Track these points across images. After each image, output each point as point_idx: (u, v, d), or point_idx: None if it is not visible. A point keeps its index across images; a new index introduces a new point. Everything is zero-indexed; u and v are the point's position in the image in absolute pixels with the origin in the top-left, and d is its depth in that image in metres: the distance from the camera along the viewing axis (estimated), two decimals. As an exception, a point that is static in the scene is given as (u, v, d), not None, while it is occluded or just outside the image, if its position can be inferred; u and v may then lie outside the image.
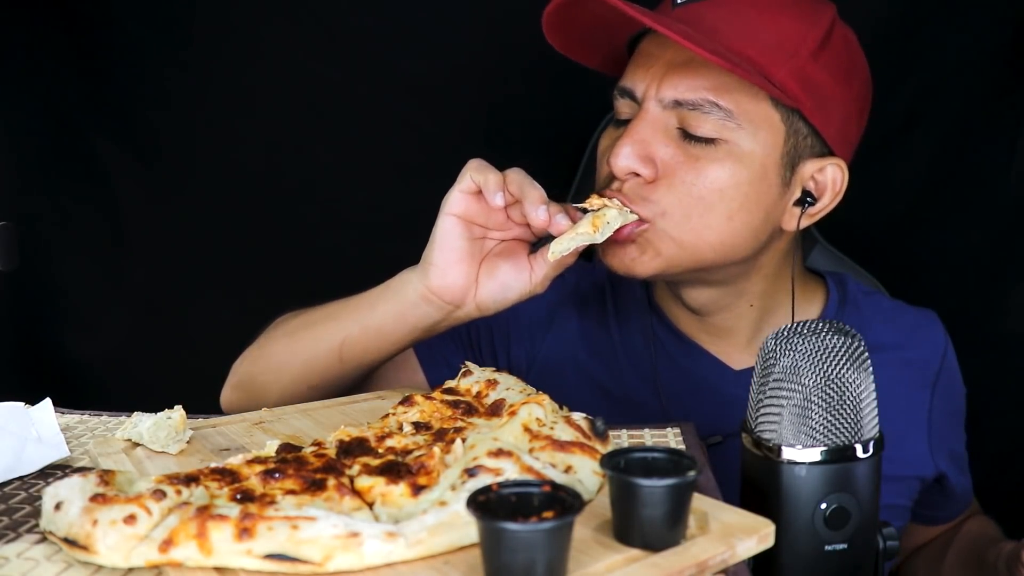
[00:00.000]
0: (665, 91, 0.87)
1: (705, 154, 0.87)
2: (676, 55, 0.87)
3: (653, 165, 0.87)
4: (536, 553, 0.45)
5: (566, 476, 0.59)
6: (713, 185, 0.86)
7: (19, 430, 0.72)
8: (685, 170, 0.87)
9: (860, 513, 0.64)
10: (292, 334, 0.97)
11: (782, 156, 0.89)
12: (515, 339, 1.07)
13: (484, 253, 0.86)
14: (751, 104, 0.86)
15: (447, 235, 0.84)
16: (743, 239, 0.90)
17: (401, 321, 0.89)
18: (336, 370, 0.93)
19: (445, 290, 0.85)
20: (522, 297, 0.86)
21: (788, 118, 0.88)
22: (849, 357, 0.64)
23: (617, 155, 0.87)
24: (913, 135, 1.43)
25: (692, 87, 0.86)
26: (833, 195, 0.92)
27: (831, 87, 0.88)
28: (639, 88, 0.90)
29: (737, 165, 0.87)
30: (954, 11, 1.34)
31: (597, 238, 0.80)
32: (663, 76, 0.87)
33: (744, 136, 0.86)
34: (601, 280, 1.10)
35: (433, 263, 0.84)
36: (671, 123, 0.88)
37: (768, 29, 0.86)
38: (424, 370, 1.06)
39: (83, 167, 1.56)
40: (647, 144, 0.87)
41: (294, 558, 0.50)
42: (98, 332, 1.61)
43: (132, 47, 1.52)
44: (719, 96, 0.86)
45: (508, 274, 0.85)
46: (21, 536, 0.58)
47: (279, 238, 1.58)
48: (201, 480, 0.57)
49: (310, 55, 1.52)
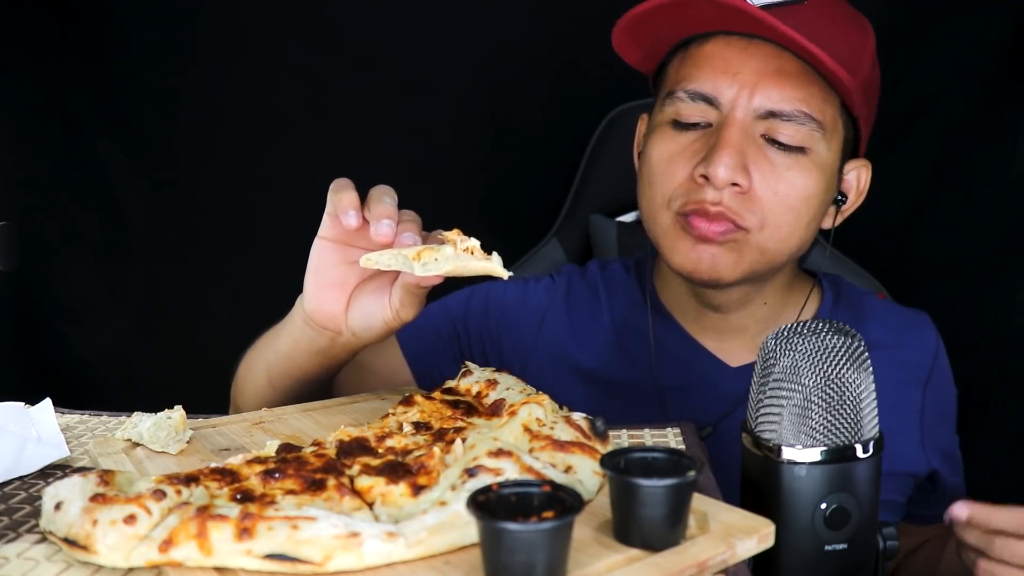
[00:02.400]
0: (758, 100, 0.88)
1: (793, 163, 0.89)
2: (765, 63, 0.88)
3: (748, 175, 0.88)
4: (536, 553, 0.45)
5: (566, 476, 0.59)
6: (802, 194, 0.89)
7: (19, 430, 0.72)
8: (776, 180, 0.88)
9: (860, 513, 0.64)
10: (246, 358, 0.97)
11: (840, 160, 0.94)
12: (507, 346, 1.08)
13: (360, 278, 0.81)
14: (830, 114, 0.90)
15: (315, 259, 0.80)
16: (808, 240, 0.94)
17: (296, 347, 0.86)
18: (270, 395, 0.91)
19: (318, 315, 0.81)
20: (388, 324, 0.80)
21: (847, 124, 0.93)
22: (849, 357, 0.64)
23: (718, 165, 0.86)
24: (913, 135, 1.43)
25: (786, 97, 0.87)
26: (859, 193, 0.99)
27: (872, 96, 0.94)
28: (725, 95, 0.89)
29: (820, 174, 0.90)
30: (954, 11, 1.34)
31: (416, 268, 0.71)
32: (755, 84, 0.88)
33: (824, 145, 0.90)
34: (594, 281, 1.11)
35: (305, 288, 0.82)
36: (758, 131, 0.89)
37: (842, 39, 0.88)
38: (417, 382, 1.06)
39: (83, 167, 1.56)
40: (743, 154, 0.88)
41: (294, 558, 0.50)
42: (98, 332, 1.61)
43: (133, 47, 1.52)
44: (810, 107, 0.88)
45: (370, 300, 0.80)
46: (21, 536, 0.58)
47: (279, 238, 1.58)
48: (201, 480, 0.57)
49: (311, 56, 1.53)
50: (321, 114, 1.55)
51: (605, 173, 1.47)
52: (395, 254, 0.71)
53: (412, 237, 0.73)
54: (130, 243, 1.61)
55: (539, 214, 1.54)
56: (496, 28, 1.50)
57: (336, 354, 0.85)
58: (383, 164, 1.57)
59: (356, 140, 1.55)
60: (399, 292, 0.78)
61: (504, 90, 1.55)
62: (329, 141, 1.56)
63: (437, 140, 1.56)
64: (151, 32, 1.52)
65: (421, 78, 1.53)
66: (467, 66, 1.52)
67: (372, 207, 0.75)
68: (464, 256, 0.71)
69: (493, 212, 1.58)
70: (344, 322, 0.81)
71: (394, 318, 0.80)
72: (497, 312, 1.09)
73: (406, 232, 0.73)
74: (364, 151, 1.55)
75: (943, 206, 1.42)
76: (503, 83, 1.54)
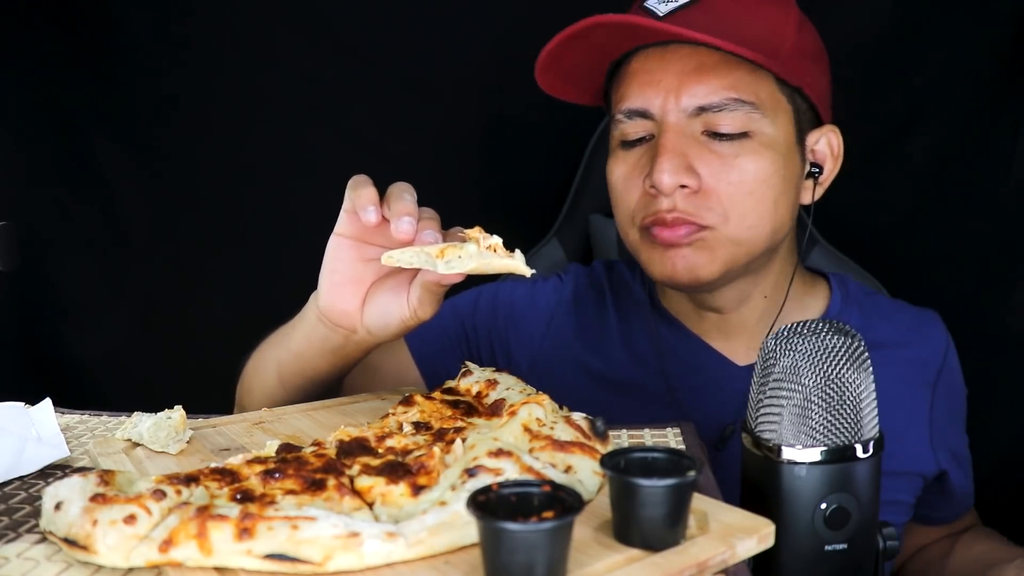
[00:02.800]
0: (685, 100, 0.89)
1: (739, 150, 0.89)
2: (684, 63, 0.89)
3: (696, 174, 0.89)
4: (536, 553, 0.45)
5: (566, 476, 0.59)
6: (757, 177, 0.89)
7: (19, 430, 0.72)
8: (727, 170, 0.89)
9: (860, 513, 0.64)
10: (254, 357, 0.97)
11: (796, 134, 0.93)
12: (515, 346, 1.08)
13: (377, 275, 0.80)
14: (764, 92, 0.90)
15: (330, 256, 0.80)
16: (784, 221, 0.94)
17: (309, 345, 0.85)
18: (281, 394, 0.91)
19: (333, 313, 0.81)
20: (405, 323, 0.79)
21: (791, 97, 0.92)
22: (849, 357, 0.64)
23: (661, 172, 0.87)
24: (913, 135, 1.43)
25: (711, 89, 0.88)
26: (834, 160, 0.98)
27: (813, 62, 0.94)
28: (654, 104, 0.90)
29: (771, 153, 0.90)
30: (954, 11, 1.34)
31: (439, 266, 0.70)
32: (679, 86, 0.89)
33: (767, 124, 0.90)
34: (600, 282, 1.11)
35: (320, 285, 0.81)
36: (696, 129, 0.90)
37: (756, 20, 0.90)
38: (426, 382, 1.06)
39: (83, 167, 1.56)
40: (684, 155, 0.89)
41: (294, 558, 0.50)
42: (98, 332, 1.61)
43: (133, 48, 1.52)
44: (739, 92, 0.88)
45: (387, 298, 0.79)
46: (21, 536, 0.58)
47: (279, 238, 1.59)
48: (201, 480, 0.57)
49: (311, 56, 1.53)
50: (321, 114, 1.55)
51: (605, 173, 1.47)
52: (418, 252, 0.70)
53: (433, 235, 0.72)
54: (130, 243, 1.61)
55: (539, 214, 1.54)
56: (496, 28, 1.49)
57: (349, 352, 0.85)
58: (383, 163, 1.56)
59: (356, 140, 1.55)
60: (417, 290, 0.78)
61: (504, 90, 1.54)
62: (329, 141, 1.56)
63: (437, 140, 1.56)
64: (151, 32, 1.52)
65: (421, 78, 1.53)
66: (467, 66, 1.52)
67: (392, 204, 0.74)
68: (487, 254, 0.70)
69: (493, 212, 1.58)
70: (359, 320, 0.80)
71: (411, 316, 0.79)
72: (506, 312, 1.09)
73: (426, 230, 0.72)
74: (364, 151, 1.54)
75: (943, 206, 1.41)
76: (503, 83, 1.54)
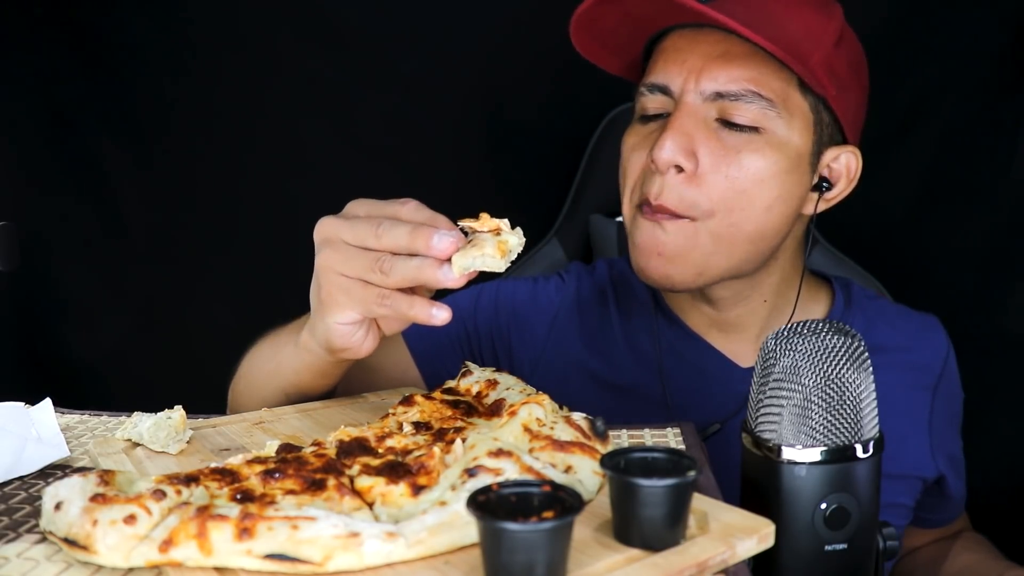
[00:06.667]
0: (705, 83, 0.88)
1: (745, 144, 0.88)
2: (712, 48, 0.89)
3: (695, 159, 0.88)
4: (536, 553, 0.45)
5: (566, 476, 0.59)
6: (755, 175, 0.88)
7: (19, 430, 0.72)
8: (727, 163, 0.88)
9: (860, 513, 0.64)
10: (247, 367, 0.95)
11: (812, 144, 0.92)
12: (517, 346, 1.08)
13: None
14: (786, 93, 0.89)
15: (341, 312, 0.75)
16: (776, 227, 0.92)
17: (310, 373, 0.85)
18: (283, 400, 0.90)
19: (344, 352, 0.77)
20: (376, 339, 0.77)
21: (815, 106, 0.91)
22: (849, 357, 0.64)
23: (661, 147, 0.87)
24: (913, 135, 1.43)
25: (733, 78, 0.88)
26: (848, 182, 0.96)
27: (848, 77, 0.92)
28: (675, 82, 0.90)
29: (776, 154, 0.89)
30: (954, 11, 1.34)
31: (501, 266, 0.68)
32: (701, 69, 0.89)
33: (781, 125, 0.89)
34: (602, 282, 1.10)
35: (327, 328, 0.76)
36: (710, 115, 0.89)
37: (793, 21, 0.89)
38: (426, 381, 1.06)
39: (83, 167, 1.56)
40: (690, 137, 0.88)
41: (294, 558, 0.50)
42: (98, 332, 1.61)
43: (133, 48, 1.52)
44: (759, 86, 0.88)
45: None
46: (21, 536, 0.58)
47: (279, 238, 1.59)
48: (201, 480, 0.57)
49: (311, 57, 1.53)
50: (321, 114, 1.55)
51: (605, 173, 1.47)
52: (482, 255, 0.67)
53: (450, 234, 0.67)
54: (130, 243, 1.61)
55: (539, 214, 1.54)
56: (496, 28, 1.49)
57: (331, 371, 0.84)
58: (383, 164, 1.57)
59: (356, 140, 1.55)
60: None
61: (504, 90, 1.55)
62: (329, 141, 1.56)
63: (437, 140, 1.56)
64: (151, 32, 1.52)
65: (421, 78, 1.53)
66: (467, 66, 1.52)
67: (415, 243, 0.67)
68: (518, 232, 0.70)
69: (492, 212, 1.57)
70: (363, 345, 0.77)
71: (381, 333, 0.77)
72: (508, 311, 1.09)
73: (439, 232, 0.67)
74: (364, 151, 1.55)
75: (943, 206, 1.42)
76: (503, 83, 1.54)
